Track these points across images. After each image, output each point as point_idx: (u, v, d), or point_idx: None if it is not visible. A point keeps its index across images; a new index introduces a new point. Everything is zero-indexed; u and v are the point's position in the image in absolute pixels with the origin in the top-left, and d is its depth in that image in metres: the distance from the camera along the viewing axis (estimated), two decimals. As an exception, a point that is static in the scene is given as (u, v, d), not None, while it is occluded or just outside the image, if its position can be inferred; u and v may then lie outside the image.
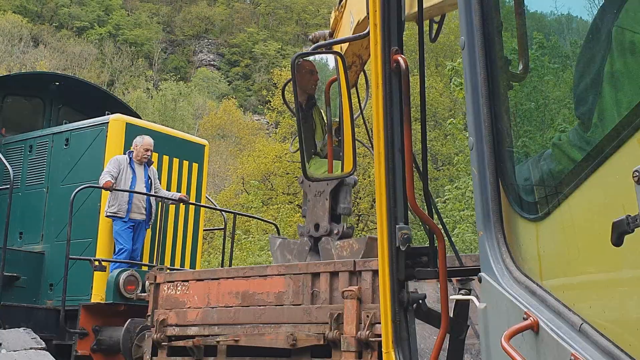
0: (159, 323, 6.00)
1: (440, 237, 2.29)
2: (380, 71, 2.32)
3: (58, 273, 7.82)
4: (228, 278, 5.85)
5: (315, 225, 5.62)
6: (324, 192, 5.62)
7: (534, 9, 1.93)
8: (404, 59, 2.25)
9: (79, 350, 7.18)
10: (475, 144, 1.87)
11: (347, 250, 5.41)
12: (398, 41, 2.32)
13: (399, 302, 2.27)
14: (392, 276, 2.26)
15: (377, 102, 2.32)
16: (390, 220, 2.28)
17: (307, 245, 5.67)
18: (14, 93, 9.58)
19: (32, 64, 48.00)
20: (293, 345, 5.16)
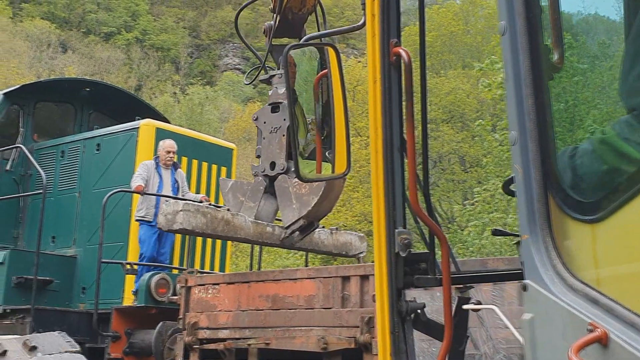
0: (190, 326, 6.06)
1: (443, 241, 2.17)
2: (379, 65, 2.20)
3: (90, 276, 7.92)
4: (258, 281, 5.89)
5: (270, 164, 5.24)
6: (281, 128, 5.23)
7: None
8: (406, 52, 2.15)
9: (112, 353, 7.27)
10: (518, 138, 1.72)
11: (306, 188, 5.07)
12: (397, 33, 2.21)
13: (397, 312, 2.14)
14: (391, 284, 2.14)
15: (374, 98, 2.22)
16: (389, 224, 2.16)
17: (262, 185, 5.29)
18: (45, 99, 9.73)
19: (61, 70, 48.60)
20: (324, 349, 5.18)
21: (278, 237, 5.35)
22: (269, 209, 5.37)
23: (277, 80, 5.44)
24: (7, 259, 7.69)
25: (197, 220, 4.95)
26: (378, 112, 2.20)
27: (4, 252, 7.76)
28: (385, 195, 2.17)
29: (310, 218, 5.18)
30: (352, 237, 6.26)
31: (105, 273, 7.65)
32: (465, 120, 26.40)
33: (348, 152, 2.38)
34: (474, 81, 25.57)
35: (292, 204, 5.13)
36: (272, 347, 5.51)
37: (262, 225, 5.28)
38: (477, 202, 18.16)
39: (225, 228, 5.07)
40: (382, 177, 2.18)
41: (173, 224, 4.92)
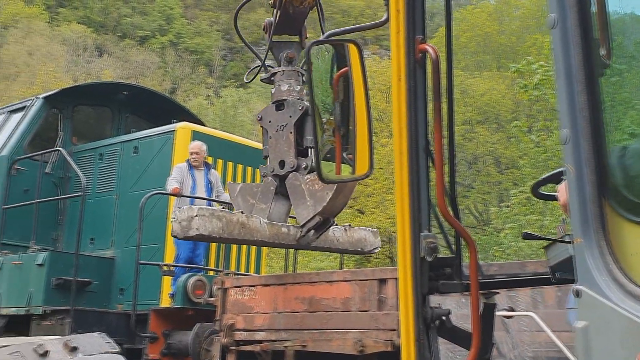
0: (227, 327, 6.09)
1: (471, 245, 2.11)
2: (404, 62, 2.13)
3: (128, 278, 8.01)
4: (294, 283, 5.90)
5: (280, 163, 5.08)
6: (287, 125, 5.08)
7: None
8: (434, 48, 2.09)
9: (150, 354, 7.34)
10: (570, 136, 1.64)
11: (319, 183, 4.88)
12: (422, 29, 2.14)
13: (422, 319, 2.06)
14: (416, 290, 2.06)
15: (398, 97, 2.16)
16: (414, 227, 2.09)
17: (272, 186, 5.13)
18: (83, 103, 9.87)
19: (97, 73, 49.24)
20: (361, 352, 5.17)
21: (294, 237, 5.21)
22: (281, 210, 5.26)
23: (279, 77, 5.33)
24: (47, 261, 7.80)
25: (213, 225, 4.80)
26: (403, 111, 2.15)
27: (44, 254, 7.88)
28: (410, 198, 2.11)
29: (326, 214, 5.04)
30: (366, 232, 6.09)
31: (143, 274, 7.73)
32: (501, 122, 26.17)
33: (370, 152, 2.33)
34: (509, 82, 25.34)
35: (306, 201, 4.99)
36: (309, 349, 5.51)
37: (277, 226, 5.15)
38: (513, 204, 17.99)
39: (242, 231, 4.93)
40: (406, 178, 2.13)
41: (189, 231, 4.77)
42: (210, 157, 8.41)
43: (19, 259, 8.13)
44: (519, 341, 5.18)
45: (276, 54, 5.48)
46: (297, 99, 5.22)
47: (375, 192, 22.33)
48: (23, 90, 40.90)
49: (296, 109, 5.09)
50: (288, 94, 5.22)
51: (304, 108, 5.07)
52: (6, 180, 8.71)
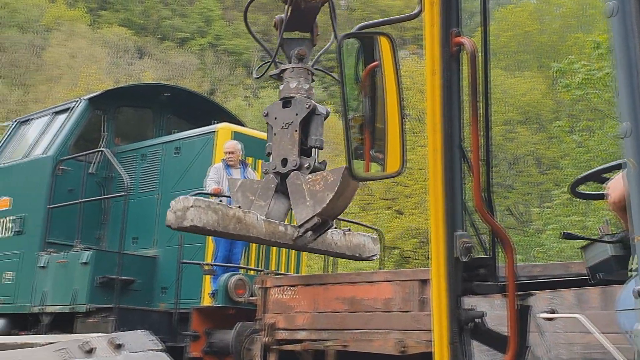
0: (268, 327, 6.12)
1: (508, 245, 2.06)
2: (438, 56, 2.07)
3: (170, 277, 8.11)
4: (335, 284, 5.91)
5: (282, 161, 5.02)
6: (293, 123, 5.01)
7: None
8: (470, 42, 2.03)
9: (192, 352, 7.42)
10: (631, 130, 1.57)
11: (321, 184, 4.83)
12: (458, 21, 2.08)
13: (457, 322, 2.01)
14: (451, 291, 2.01)
15: (432, 92, 2.10)
16: (448, 226, 2.04)
17: (273, 183, 5.06)
18: (126, 104, 10.02)
19: (138, 75, 49.84)
20: (402, 352, 5.16)
21: (291, 237, 5.13)
22: (280, 208, 5.19)
23: (288, 74, 5.29)
24: (91, 260, 7.93)
25: (208, 217, 4.71)
26: (437, 106, 2.09)
27: (89, 253, 8.01)
28: (445, 196, 2.06)
29: (325, 216, 4.98)
30: (366, 238, 6.01)
31: (184, 273, 7.82)
32: (542, 122, 25.86)
33: (402, 150, 2.27)
34: (550, 82, 25.03)
35: (305, 201, 4.92)
36: (350, 349, 5.52)
37: (274, 224, 5.06)
38: (555, 205, 17.77)
39: (237, 226, 4.84)
40: (440, 176, 2.08)
41: (183, 221, 4.67)
42: (251, 157, 8.46)
43: (64, 257, 8.28)
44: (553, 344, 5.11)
45: (287, 51, 5.44)
46: (304, 97, 5.17)
47: (415, 192, 22.23)
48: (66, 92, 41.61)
49: (303, 108, 5.04)
50: (296, 91, 5.17)
51: (311, 107, 5.02)
52: (51, 180, 8.87)
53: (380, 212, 22.84)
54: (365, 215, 22.65)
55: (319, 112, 5.07)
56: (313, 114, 5.02)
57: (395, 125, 2.27)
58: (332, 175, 4.76)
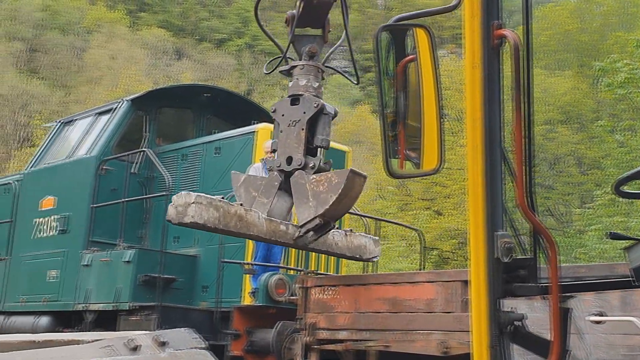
0: (309, 326, 6.13)
1: (552, 245, 2.00)
2: (479, 49, 2.00)
3: (211, 276, 8.18)
4: (377, 284, 5.90)
5: (287, 159, 4.94)
6: (300, 121, 4.91)
7: None
8: (513, 34, 1.96)
9: (233, 351, 7.47)
10: None
11: (325, 185, 4.76)
12: (499, 13, 2.02)
13: (497, 325, 1.95)
14: (491, 293, 1.96)
15: (472, 87, 2.04)
16: (488, 226, 1.98)
17: (277, 181, 4.98)
18: (167, 105, 10.12)
19: (176, 76, 50.32)
20: (445, 353, 5.13)
21: (292, 236, 5.06)
22: (282, 206, 5.12)
23: (298, 71, 5.19)
24: (134, 258, 8.03)
25: (209, 214, 4.65)
26: (477, 101, 2.03)
27: (131, 252, 8.11)
28: (485, 194, 2.00)
29: (327, 217, 4.90)
30: (367, 240, 5.91)
31: (225, 272, 7.88)
32: (583, 121, 25.50)
33: (440, 146, 2.20)
34: (591, 81, 24.68)
35: (308, 201, 4.85)
36: (392, 349, 5.50)
37: (275, 222, 4.99)
38: (597, 205, 17.51)
39: (238, 224, 4.77)
40: (481, 174, 2.01)
41: (184, 217, 4.62)
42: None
43: (107, 256, 8.39)
44: (593, 347, 5.03)
45: (298, 48, 5.34)
46: (313, 95, 5.09)
47: (454, 193, 22.09)
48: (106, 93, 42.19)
49: (311, 106, 4.97)
50: (305, 89, 5.08)
51: (319, 106, 4.94)
52: (95, 180, 9.00)
53: (419, 212, 22.72)
54: (403, 216, 22.55)
55: (327, 111, 5.00)
56: (321, 113, 4.96)
57: (432, 121, 2.22)
58: (336, 177, 4.71)
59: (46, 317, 8.94)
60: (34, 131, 43.08)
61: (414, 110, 2.28)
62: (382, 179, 26.22)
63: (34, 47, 56.44)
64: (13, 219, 10.10)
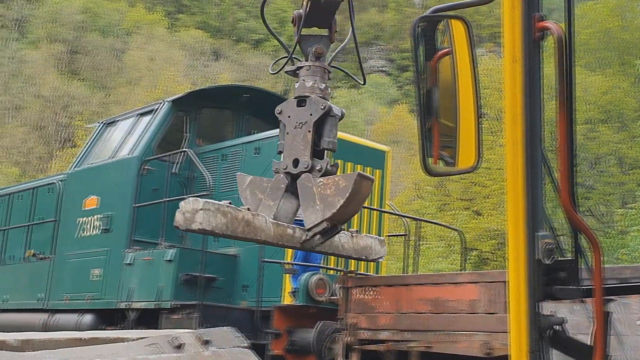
0: (350, 326, 6.14)
1: (596, 246, 1.93)
2: (519, 42, 1.93)
3: (250, 275, 8.22)
4: (418, 284, 5.89)
5: (294, 161, 4.89)
6: (307, 124, 4.85)
7: None
8: (557, 26, 1.89)
9: (274, 350, 7.51)
10: None
11: (332, 188, 4.69)
12: (540, 5, 1.94)
13: (538, 329, 1.89)
14: (531, 296, 1.90)
15: (513, 81, 1.96)
16: (529, 226, 1.92)
17: (283, 183, 4.93)
18: (207, 105, 10.21)
19: (214, 77, 50.70)
20: (488, 354, 5.09)
21: (299, 240, 5.00)
22: (288, 209, 5.06)
23: (304, 72, 5.13)
24: (176, 257, 8.11)
25: (217, 220, 4.60)
26: (518, 96, 1.95)
27: (173, 251, 8.18)
28: (525, 193, 1.92)
29: (334, 221, 4.85)
30: (373, 240, 5.84)
31: (265, 272, 7.92)
32: (624, 121, 25.09)
33: (478, 143, 2.13)
34: (633, 79, 24.28)
35: (315, 205, 4.80)
36: (434, 350, 5.48)
37: (282, 226, 4.94)
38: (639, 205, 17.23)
39: (246, 229, 4.73)
40: (521, 171, 1.93)
41: (192, 224, 4.57)
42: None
43: (149, 255, 8.49)
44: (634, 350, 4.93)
45: (304, 48, 5.27)
46: (320, 97, 5.02)
47: (493, 193, 21.90)
48: (145, 94, 42.72)
49: (318, 108, 4.91)
50: (311, 90, 5.02)
51: (326, 108, 4.88)
52: (137, 180, 9.11)
53: (458, 212, 22.58)
54: (442, 216, 22.43)
55: (333, 113, 4.93)
56: (328, 115, 4.89)
57: (470, 117, 2.14)
58: (344, 181, 4.66)
59: (89, 315, 9.08)
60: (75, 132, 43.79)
61: (449, 106, 2.21)
62: (420, 179, 26.11)
63: (74, 49, 57.41)
64: (57, 219, 10.28)
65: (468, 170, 2.26)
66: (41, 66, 53.66)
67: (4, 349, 4.19)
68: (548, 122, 2.00)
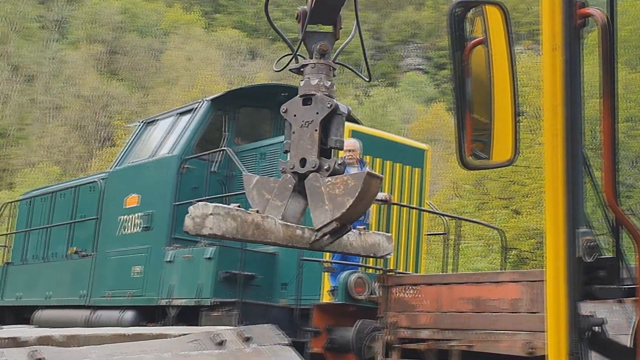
0: (390, 325, 6.14)
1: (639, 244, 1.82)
2: (560, 30, 1.84)
3: (289, 273, 8.25)
4: (459, 283, 5.86)
5: (301, 160, 4.79)
6: (313, 122, 4.76)
7: None
8: (601, 13, 1.81)
9: (313, 348, 7.52)
10: None
11: (341, 188, 4.63)
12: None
13: (577, 330, 1.83)
14: (571, 296, 1.84)
15: (553, 70, 1.87)
16: (569, 223, 1.84)
17: (291, 183, 4.84)
18: (246, 104, 10.25)
19: (251, 76, 50.95)
20: (530, 354, 5.06)
21: (308, 241, 4.94)
22: (296, 208, 4.97)
23: (309, 70, 5.03)
24: (215, 255, 8.17)
25: (228, 225, 4.56)
26: (558, 86, 1.86)
27: (213, 249, 8.24)
28: (565, 187, 1.84)
29: (344, 220, 4.77)
30: (380, 237, 5.72)
31: (304, 270, 7.93)
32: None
33: (515, 135, 2.05)
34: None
35: (324, 204, 4.72)
36: (476, 350, 5.45)
37: (292, 227, 4.88)
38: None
39: (256, 232, 4.68)
40: (561, 165, 1.85)
41: (202, 229, 4.54)
42: (369, 155, 8.47)
43: (189, 252, 8.56)
44: None
45: (308, 45, 5.19)
46: (325, 95, 4.94)
47: (533, 192, 21.67)
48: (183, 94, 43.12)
49: (324, 106, 4.84)
50: (317, 89, 4.93)
51: (333, 106, 4.81)
52: (177, 179, 9.19)
53: (496, 211, 22.37)
54: (481, 215, 22.26)
55: (340, 111, 4.86)
56: (334, 114, 4.82)
57: (506, 109, 2.06)
58: (353, 180, 4.60)
59: (130, 311, 9.19)
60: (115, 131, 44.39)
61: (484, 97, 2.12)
62: (458, 178, 25.94)
63: (113, 49, 58.19)
64: (98, 216, 10.43)
65: (505, 164, 2.19)
66: (81, 66, 54.50)
67: (50, 344, 4.27)
68: (588, 118, 1.94)
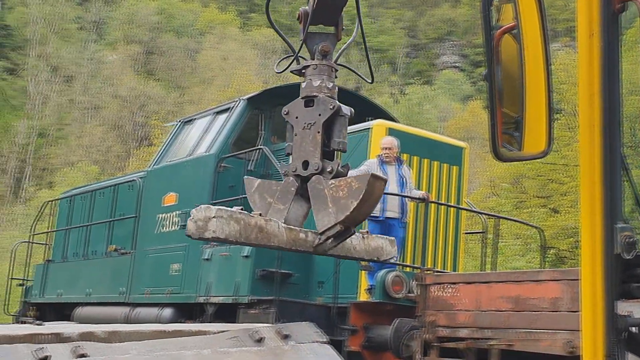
0: (429, 324, 6.10)
1: None
2: (597, 15, 1.78)
3: (326, 272, 8.24)
4: (499, 282, 5.80)
5: (303, 163, 4.71)
6: (316, 124, 4.70)
7: None
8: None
9: (351, 346, 7.52)
10: None
11: (344, 190, 4.55)
12: None
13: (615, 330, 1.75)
14: (609, 294, 1.76)
15: (589, 57, 1.80)
16: (607, 218, 1.76)
17: (293, 186, 4.77)
18: (282, 103, 10.20)
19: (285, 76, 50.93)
20: (571, 353, 4.98)
21: (312, 244, 4.84)
22: (298, 212, 4.90)
23: (310, 71, 4.93)
24: (252, 253, 8.21)
25: (230, 228, 4.52)
26: (595, 73, 1.79)
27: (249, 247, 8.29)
28: (602, 180, 1.77)
29: (348, 223, 4.67)
30: (383, 241, 5.58)
31: (341, 269, 7.92)
32: None
33: (549, 126, 1.97)
34: None
35: (327, 207, 4.64)
36: (515, 349, 5.39)
37: (295, 231, 4.80)
38: None
39: (259, 235, 4.63)
40: (598, 156, 1.78)
41: (205, 232, 4.49)
42: (406, 154, 8.43)
43: (226, 250, 8.61)
44: None
45: (310, 46, 5.09)
46: (328, 96, 4.84)
47: (571, 190, 21.38)
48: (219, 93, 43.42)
49: (327, 108, 4.74)
50: (319, 90, 4.83)
51: (335, 107, 4.70)
52: (214, 177, 9.25)
53: (534, 210, 22.12)
54: (519, 214, 22.02)
55: (343, 113, 4.78)
56: (337, 115, 4.74)
57: (540, 99, 1.99)
58: (357, 182, 4.52)
59: (169, 308, 9.28)
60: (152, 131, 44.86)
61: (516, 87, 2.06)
62: (495, 176, 25.72)
63: (150, 49, 58.82)
64: (137, 215, 10.54)
65: (539, 156, 2.12)
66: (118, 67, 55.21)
67: (93, 340, 4.32)
68: (626, 116, 1.87)
